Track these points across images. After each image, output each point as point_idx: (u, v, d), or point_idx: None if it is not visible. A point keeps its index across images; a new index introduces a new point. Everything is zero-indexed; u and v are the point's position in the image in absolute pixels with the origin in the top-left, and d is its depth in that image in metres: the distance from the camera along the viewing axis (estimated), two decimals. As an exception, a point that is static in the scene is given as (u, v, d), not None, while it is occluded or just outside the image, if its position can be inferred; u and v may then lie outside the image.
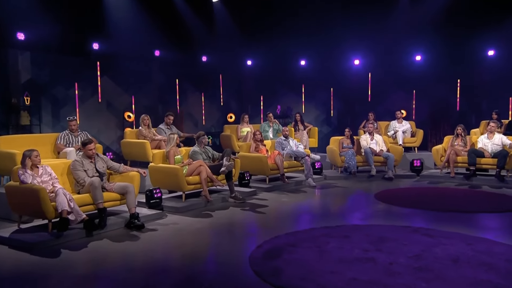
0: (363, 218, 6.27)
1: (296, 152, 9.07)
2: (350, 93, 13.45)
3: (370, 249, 4.82)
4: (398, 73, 12.52)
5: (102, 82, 10.69)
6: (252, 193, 8.04)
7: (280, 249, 4.89)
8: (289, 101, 13.91)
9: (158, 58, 11.66)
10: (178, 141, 7.34)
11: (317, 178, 9.45)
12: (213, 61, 12.89)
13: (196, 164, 7.14)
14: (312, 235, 5.37)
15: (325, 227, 5.75)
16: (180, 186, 6.95)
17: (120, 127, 10.98)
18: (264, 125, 11.08)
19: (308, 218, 6.41)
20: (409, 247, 4.85)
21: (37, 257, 4.78)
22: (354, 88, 13.28)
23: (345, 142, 10.11)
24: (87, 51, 10.23)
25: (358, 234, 5.41)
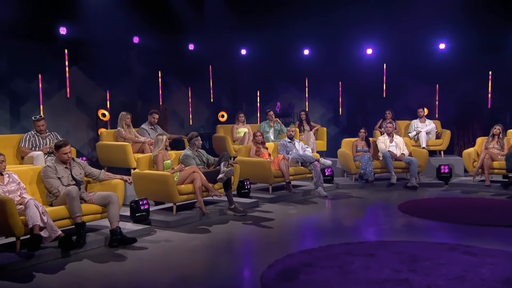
0: (387, 233, 6.31)
1: (303, 157, 9.08)
2: (361, 87, 13.47)
3: (402, 269, 4.82)
4: (418, 64, 12.59)
5: (71, 74, 10.61)
6: (253, 204, 8.05)
7: (296, 269, 4.87)
8: (290, 97, 13.90)
9: (137, 46, 11.60)
10: (167, 143, 7.29)
11: (328, 187, 9.49)
12: (201, 49, 12.85)
13: (189, 171, 7.10)
14: (330, 253, 5.38)
15: (345, 243, 5.77)
16: (171, 196, 6.92)
17: (93, 128, 10.89)
18: (263, 125, 11.09)
19: (322, 233, 6.43)
20: (448, 268, 4.86)
21: (4, 281, 4.70)
22: (366, 81, 13.31)
23: (359, 145, 10.13)
24: (52, 36, 10.14)
25: (385, 251, 5.42)
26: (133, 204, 6.66)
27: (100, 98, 11.13)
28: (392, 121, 10.63)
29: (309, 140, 10.90)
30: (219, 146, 10.91)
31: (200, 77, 13.30)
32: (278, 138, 11.02)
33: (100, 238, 5.82)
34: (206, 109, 13.48)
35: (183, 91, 12.94)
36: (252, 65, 13.73)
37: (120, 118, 8.84)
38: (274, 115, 11.39)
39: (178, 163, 7.54)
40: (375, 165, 9.80)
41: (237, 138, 10.91)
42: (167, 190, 6.88)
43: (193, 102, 13.12)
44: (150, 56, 11.92)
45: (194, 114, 13.14)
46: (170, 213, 7.12)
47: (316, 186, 8.91)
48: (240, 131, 11.00)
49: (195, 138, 7.66)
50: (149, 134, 9.03)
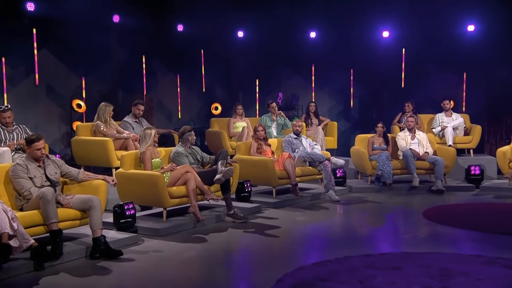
0: (411, 244, 6.32)
1: (312, 155, 9.08)
2: (377, 76, 13.48)
3: (434, 285, 4.82)
4: (443, 48, 12.60)
5: (41, 57, 10.53)
6: (255, 210, 8.07)
7: (310, 284, 4.86)
8: (294, 87, 13.89)
9: (118, 26, 11.52)
10: (156, 139, 7.28)
11: (340, 190, 9.52)
12: (192, 31, 12.81)
13: (181, 170, 7.09)
14: (349, 266, 5.38)
15: (364, 255, 5.78)
16: (161, 200, 6.90)
17: (66, 121, 10.83)
18: (264, 118, 11.10)
19: (336, 243, 6.45)
20: (487, 284, 4.86)
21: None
22: (382, 69, 13.31)
23: (376, 142, 10.14)
24: (18, 13, 10.05)
25: (412, 265, 5.42)
26: (116, 209, 6.63)
27: (74, 86, 11.05)
28: (414, 115, 10.64)
29: (317, 136, 10.91)
30: (214, 143, 10.90)
31: (190, 63, 13.24)
32: (282, 134, 11.03)
33: (79, 248, 5.78)
34: (198, 100, 13.44)
35: (170, 79, 12.88)
36: (251, 49, 13.70)
37: (100, 110, 8.78)
38: (277, 107, 11.38)
39: (169, 161, 7.52)
40: (394, 166, 9.80)
41: (234, 134, 10.92)
42: (156, 192, 6.85)
43: (182, 92, 13.07)
44: (132, 38, 11.85)
45: (184, 106, 13.10)
46: (160, 219, 7.09)
47: (327, 189, 8.92)
48: (238, 125, 11.00)
49: (187, 132, 7.64)
50: (133, 128, 9.00)
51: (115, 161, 8.33)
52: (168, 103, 12.81)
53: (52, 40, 10.63)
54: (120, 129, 8.87)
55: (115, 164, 8.32)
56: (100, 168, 8.82)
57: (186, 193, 7.04)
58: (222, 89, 13.98)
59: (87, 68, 11.19)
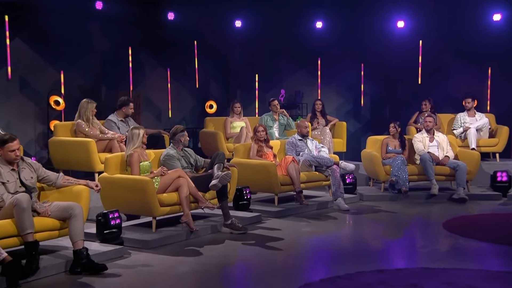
0: (431, 259, 6.30)
1: (318, 159, 9.07)
2: (390, 71, 13.49)
3: (457, 304, 4.80)
4: (465, 40, 12.62)
5: (14, 47, 10.52)
6: (255, 219, 8.07)
7: (318, 304, 4.83)
8: (298, 83, 13.88)
9: (101, 14, 11.53)
10: (144, 139, 7.27)
11: (349, 198, 9.51)
12: (184, 20, 12.80)
13: (173, 175, 7.08)
14: (362, 283, 5.37)
15: (378, 270, 5.77)
16: (150, 208, 6.89)
17: (43, 120, 10.84)
18: (265, 118, 11.11)
19: (345, 258, 6.44)
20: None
21: None
22: (397, 63, 13.32)
23: (390, 144, 10.14)
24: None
25: (432, 281, 5.41)
26: (100, 218, 6.59)
27: (52, 80, 11.05)
28: (432, 114, 10.63)
29: (324, 137, 10.92)
30: (209, 145, 10.88)
31: (182, 56, 13.25)
32: (284, 135, 11.04)
33: (58, 262, 5.75)
34: (190, 97, 13.43)
35: (160, 73, 12.89)
36: (249, 41, 13.72)
37: (81, 108, 8.76)
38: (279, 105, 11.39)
39: (159, 165, 7.50)
40: (411, 171, 9.80)
41: (231, 135, 10.92)
42: (145, 200, 6.84)
43: (174, 88, 13.07)
44: (117, 27, 11.85)
45: (175, 104, 13.09)
46: (149, 230, 7.07)
47: (335, 197, 8.90)
48: (235, 125, 11.00)
49: (180, 133, 7.62)
50: (119, 128, 9.00)
51: (98, 164, 8.29)
52: (157, 100, 12.80)
53: (26, 29, 10.62)
54: (104, 128, 8.85)
55: (98, 168, 8.29)
56: (81, 173, 8.79)
57: (178, 201, 7.01)
58: (217, 85, 13.96)
59: (66, 60, 11.18)
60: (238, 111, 11.18)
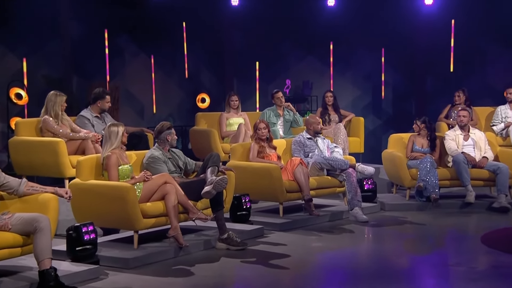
0: (468, 278, 6.27)
1: (331, 161, 9.04)
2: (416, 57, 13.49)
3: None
4: (505, 21, 12.59)
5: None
6: (256, 233, 8.03)
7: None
8: (307, 71, 13.91)
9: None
10: (124, 139, 7.23)
11: (368, 207, 9.45)
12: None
13: (158, 181, 7.05)
14: (383, 307, 5.35)
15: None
16: (131, 220, 6.86)
17: (2, 116, 10.86)
18: (268, 113, 11.08)
19: (364, 278, 6.41)
20: None
21: None
22: (424, 48, 13.32)
23: (418, 143, 10.12)
24: None
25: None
26: (71, 233, 6.55)
27: (12, 70, 11.07)
28: (467, 108, 10.61)
29: (338, 136, 10.86)
30: (201, 145, 10.86)
31: (169, 40, 13.28)
32: (290, 133, 11.01)
33: (21, 286, 5.71)
34: (179, 90, 13.45)
35: (142, 61, 12.91)
36: (248, 22, 13.76)
37: (48, 102, 8.75)
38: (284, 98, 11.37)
39: (142, 169, 7.48)
40: (442, 175, 9.75)
41: (227, 133, 10.90)
42: (125, 210, 6.80)
43: (159, 79, 13.08)
44: (91, 7, 11.87)
45: (160, 97, 13.10)
46: (130, 246, 7.02)
47: (351, 206, 8.87)
48: (232, 122, 10.98)
49: (166, 131, 7.59)
50: (94, 125, 8.99)
51: (69, 169, 8.25)
52: (139, 93, 12.82)
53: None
54: (75, 126, 8.84)
55: (69, 174, 8.24)
56: (49, 179, 8.75)
57: (164, 211, 6.97)
58: (210, 75, 13.96)
59: (30, 46, 11.20)
60: (235, 106, 11.13)
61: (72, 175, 7.91)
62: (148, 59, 12.93)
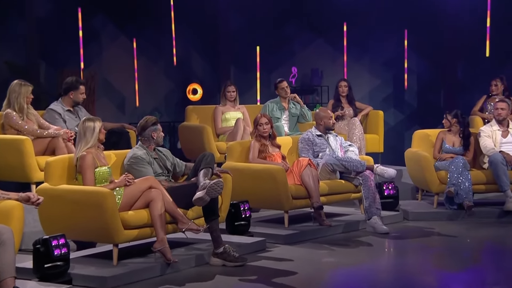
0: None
1: (344, 162, 9.06)
2: (445, 39, 13.51)
3: None
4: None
5: None
6: (257, 246, 8.08)
7: None
8: (316, 57, 13.97)
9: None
10: (102, 136, 7.23)
11: (388, 216, 9.49)
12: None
13: (142, 185, 7.07)
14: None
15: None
16: (109, 231, 6.86)
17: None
18: (271, 106, 11.11)
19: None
20: None
21: None
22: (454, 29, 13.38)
23: (447, 141, 10.15)
24: None
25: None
26: (39, 247, 6.54)
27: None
28: (506, 99, 10.61)
29: (353, 132, 10.91)
30: (191, 144, 10.94)
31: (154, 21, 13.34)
32: (297, 130, 11.07)
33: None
34: (166, 79, 13.55)
35: (123, 45, 12.99)
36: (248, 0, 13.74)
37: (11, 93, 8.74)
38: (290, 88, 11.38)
39: (122, 172, 7.49)
40: (476, 178, 9.78)
41: (223, 130, 10.96)
42: (103, 220, 6.79)
43: (142, 66, 13.16)
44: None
45: (144, 88, 13.19)
46: (108, 262, 7.02)
47: (369, 215, 8.91)
48: (229, 116, 11.04)
49: (151, 127, 7.59)
50: (65, 121, 9.01)
51: (36, 171, 8.25)
52: (119, 82, 12.89)
53: None
54: (44, 122, 8.86)
55: (37, 177, 8.25)
56: (12, 184, 8.69)
57: (149, 221, 6.98)
58: (203, 62, 14.02)
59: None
60: (232, 97, 11.16)
61: (40, 179, 7.91)
62: (129, 43, 12.96)
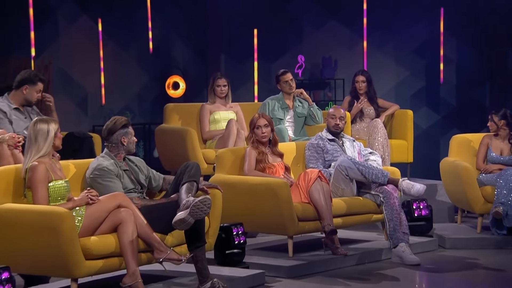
0: None
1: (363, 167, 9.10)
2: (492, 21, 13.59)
3: None
4: None
5: None
6: (254, 281, 8.08)
7: None
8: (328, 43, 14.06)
9: None
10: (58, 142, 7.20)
11: (419, 243, 9.53)
12: None
13: (109, 204, 7.06)
14: None
15: None
16: (67, 263, 6.82)
17: None
18: (271, 104, 11.22)
19: None
20: None
21: None
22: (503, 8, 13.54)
23: (494, 148, 10.26)
24: None
25: None
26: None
27: None
28: None
29: (374, 137, 10.98)
30: (171, 152, 11.05)
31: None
32: (304, 134, 11.16)
33: None
34: (139, 70, 13.59)
35: (84, 27, 13.01)
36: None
37: None
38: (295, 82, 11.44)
39: (84, 187, 7.50)
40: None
41: (212, 134, 11.04)
42: (58, 248, 6.78)
43: (110, 54, 13.23)
44: None
45: (112, 81, 13.25)
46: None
47: (394, 242, 8.92)
48: (219, 117, 11.12)
49: (121, 130, 7.61)
50: (11, 122, 9.02)
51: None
52: (80, 74, 12.89)
53: None
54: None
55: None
56: None
57: (117, 249, 6.97)
58: (187, 49, 14.04)
59: None
60: (223, 93, 11.22)
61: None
62: (93, 25, 12.96)
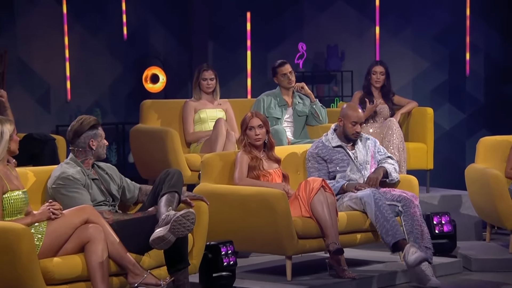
0: None
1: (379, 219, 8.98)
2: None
3: None
4: None
5: None
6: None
7: None
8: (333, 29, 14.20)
9: None
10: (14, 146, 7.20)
11: (442, 264, 9.56)
12: None
13: (74, 219, 7.04)
14: None
15: None
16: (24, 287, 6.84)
17: None
18: (267, 100, 11.28)
19: None
20: None
21: None
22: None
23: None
24: None
25: None
26: None
27: None
28: None
29: (389, 139, 10.98)
30: (149, 158, 11.10)
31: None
32: (305, 136, 11.24)
33: None
34: (111, 60, 13.66)
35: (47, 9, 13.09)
36: None
37: None
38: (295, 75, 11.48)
39: (46, 199, 7.49)
40: None
41: (197, 136, 11.12)
42: (15, 270, 6.77)
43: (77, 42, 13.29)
44: None
45: (79, 74, 13.29)
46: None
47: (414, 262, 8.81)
48: (205, 116, 11.19)
49: (88, 132, 7.62)
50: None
51: None
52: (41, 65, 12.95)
53: None
54: None
55: None
56: None
57: (84, 272, 6.97)
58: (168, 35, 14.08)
59: None
60: (210, 88, 11.25)
61: None
62: (57, 6, 12.99)
